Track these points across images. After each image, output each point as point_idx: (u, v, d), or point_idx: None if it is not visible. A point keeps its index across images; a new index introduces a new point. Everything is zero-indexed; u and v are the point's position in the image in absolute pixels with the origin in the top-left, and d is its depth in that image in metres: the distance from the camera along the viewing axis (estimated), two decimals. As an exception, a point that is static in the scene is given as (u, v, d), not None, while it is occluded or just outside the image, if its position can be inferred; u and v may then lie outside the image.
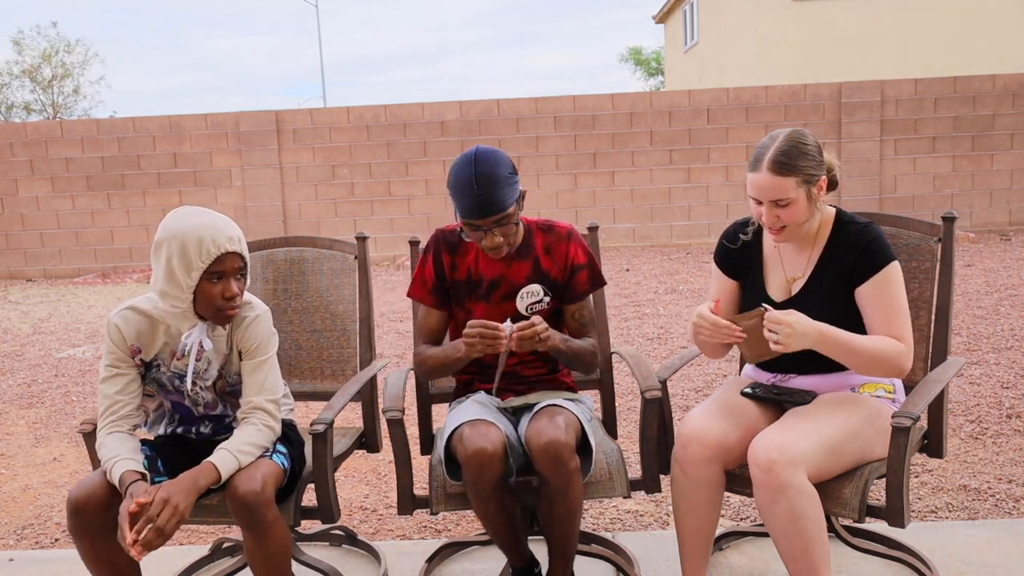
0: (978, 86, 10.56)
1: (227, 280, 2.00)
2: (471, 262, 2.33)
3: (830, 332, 2.02)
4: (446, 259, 2.34)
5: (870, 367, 2.06)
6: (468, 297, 2.33)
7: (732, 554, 2.62)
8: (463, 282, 2.33)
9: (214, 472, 1.93)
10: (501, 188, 2.12)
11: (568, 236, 2.34)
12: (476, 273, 2.32)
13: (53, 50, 31.29)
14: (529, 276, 2.31)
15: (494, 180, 2.11)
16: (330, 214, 10.82)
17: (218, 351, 2.11)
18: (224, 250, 1.97)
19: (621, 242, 10.90)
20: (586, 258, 2.35)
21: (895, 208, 10.71)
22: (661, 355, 5.32)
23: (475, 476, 2.01)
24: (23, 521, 3.23)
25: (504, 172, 2.13)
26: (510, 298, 2.31)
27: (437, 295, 2.35)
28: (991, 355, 4.92)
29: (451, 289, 2.35)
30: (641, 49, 38.13)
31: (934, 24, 17.05)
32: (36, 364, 5.94)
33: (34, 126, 10.74)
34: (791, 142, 2.07)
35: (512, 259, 2.31)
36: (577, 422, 2.11)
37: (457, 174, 2.14)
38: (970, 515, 2.90)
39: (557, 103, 10.64)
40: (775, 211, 2.10)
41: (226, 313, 2.02)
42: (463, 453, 2.01)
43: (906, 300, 2.11)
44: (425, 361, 2.32)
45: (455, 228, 2.36)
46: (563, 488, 2.02)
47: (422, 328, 2.39)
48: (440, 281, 2.35)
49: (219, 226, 1.98)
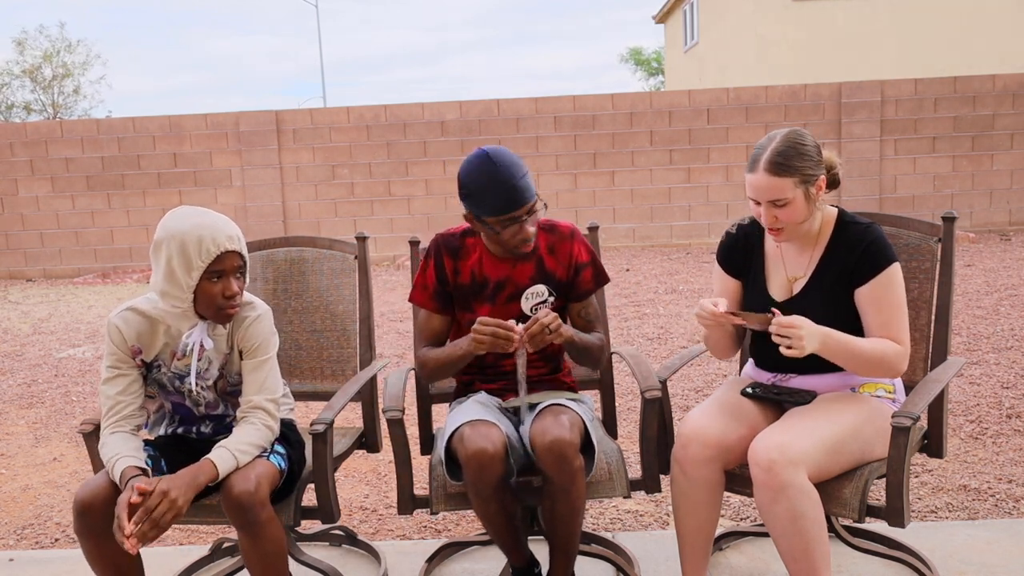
0: (978, 86, 10.56)
1: (227, 279, 2.00)
2: (474, 264, 2.32)
3: (832, 336, 2.03)
4: (448, 264, 2.33)
5: (868, 369, 2.08)
6: (473, 299, 2.32)
7: (732, 554, 2.62)
8: (467, 285, 2.33)
9: (213, 469, 1.93)
10: (525, 176, 2.16)
11: (571, 235, 2.35)
12: (481, 275, 2.32)
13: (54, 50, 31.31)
14: (533, 276, 2.31)
15: (517, 170, 2.14)
16: (330, 214, 10.82)
17: (219, 350, 2.11)
18: (224, 249, 1.97)
19: (621, 242, 10.90)
20: (589, 256, 2.36)
21: (895, 208, 10.71)
22: (661, 355, 5.32)
23: (476, 476, 2.01)
24: (23, 521, 3.23)
25: (520, 161, 2.17)
26: (515, 299, 2.31)
27: (439, 300, 2.34)
28: (991, 355, 4.92)
29: (454, 293, 2.34)
30: (641, 49, 38.14)
31: (934, 24, 17.05)
32: (36, 364, 5.94)
33: (34, 126, 10.74)
34: (788, 142, 2.07)
35: (517, 260, 2.31)
36: (581, 421, 2.12)
37: (479, 175, 2.13)
38: (970, 515, 2.90)
39: (557, 103, 10.64)
40: (773, 211, 2.10)
41: (226, 312, 2.03)
42: (464, 453, 2.01)
43: (905, 301, 2.12)
44: (427, 363, 2.31)
45: (456, 232, 2.36)
46: (567, 487, 2.02)
47: (423, 332, 2.37)
48: (442, 286, 2.34)
49: (218, 225, 1.98)
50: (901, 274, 2.11)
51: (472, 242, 2.34)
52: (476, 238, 2.34)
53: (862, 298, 2.12)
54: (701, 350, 2.53)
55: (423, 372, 2.35)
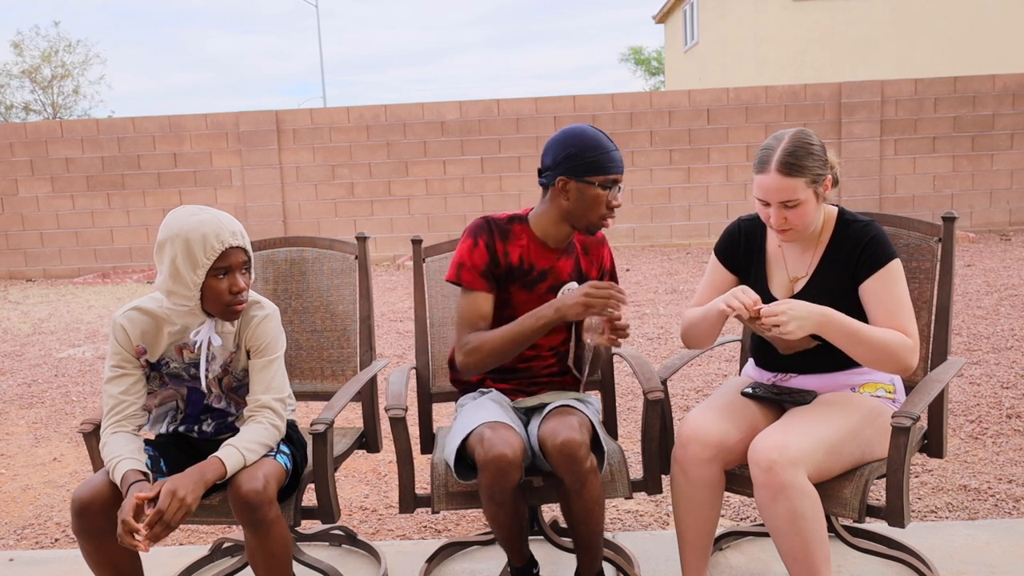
0: (978, 86, 10.57)
1: (233, 275, 2.01)
2: (523, 249, 2.28)
3: (833, 318, 2.01)
4: (499, 245, 2.27)
5: (874, 358, 2.03)
6: (515, 283, 2.28)
7: (732, 554, 2.62)
8: (516, 267, 2.28)
9: (221, 467, 1.93)
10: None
11: (603, 240, 2.41)
12: (528, 261, 2.28)
13: (53, 50, 31.28)
14: (571, 273, 2.32)
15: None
16: (330, 214, 10.82)
17: (225, 348, 2.12)
18: (228, 245, 1.97)
19: (621, 242, 10.90)
20: (611, 264, 2.42)
21: (895, 208, 10.72)
22: (661, 355, 5.32)
23: (492, 481, 1.98)
24: (23, 521, 3.23)
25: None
26: (553, 292, 2.30)
27: (490, 279, 2.26)
28: (991, 355, 4.93)
29: (502, 275, 2.28)
30: (641, 49, 38.14)
31: (934, 24, 17.05)
32: (36, 364, 5.94)
33: (34, 126, 10.74)
34: (797, 142, 2.07)
35: (560, 253, 2.31)
36: (589, 422, 2.12)
37: (587, 137, 2.17)
38: (970, 515, 2.90)
39: (557, 103, 10.64)
40: (783, 212, 2.09)
41: (234, 308, 2.03)
42: (482, 456, 1.97)
43: (908, 297, 2.11)
44: (483, 346, 2.16)
45: (503, 217, 2.31)
46: (578, 488, 2.03)
47: (469, 316, 2.23)
48: (493, 265, 2.26)
49: (221, 222, 1.98)
50: (902, 270, 2.11)
51: (519, 228, 2.29)
52: (523, 225, 2.29)
53: (865, 293, 2.12)
54: (701, 350, 2.53)
55: (473, 359, 2.18)
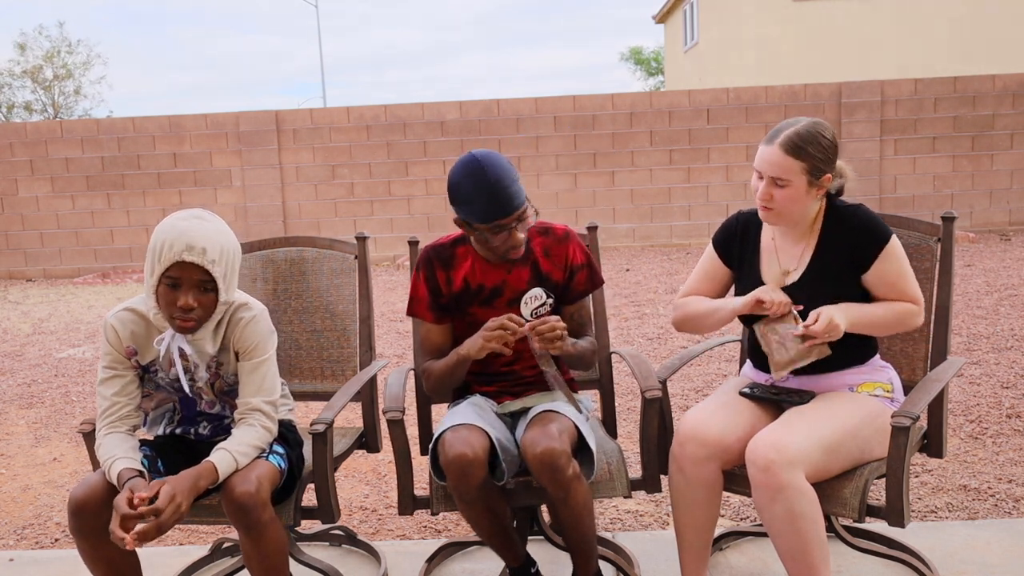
0: (978, 86, 10.56)
1: (184, 290, 1.95)
2: (468, 272, 2.28)
3: (851, 310, 2.12)
4: (440, 275, 2.29)
5: (888, 328, 2.17)
6: (468, 305, 2.29)
7: (732, 554, 2.62)
8: (460, 292, 2.29)
9: (213, 472, 1.93)
10: (515, 182, 2.10)
11: (566, 237, 2.32)
12: (475, 282, 2.28)
13: (55, 50, 31.28)
14: (530, 281, 2.28)
15: (507, 175, 2.09)
16: (330, 214, 10.82)
17: (201, 352, 2.08)
18: (179, 258, 1.91)
19: (621, 242, 10.90)
20: (584, 258, 2.34)
21: (895, 208, 10.71)
22: (661, 355, 5.32)
23: (456, 481, 2.02)
24: (23, 521, 3.24)
25: (510, 167, 2.13)
26: (515, 304, 2.28)
27: (435, 310, 2.30)
28: (991, 355, 4.92)
29: (449, 303, 2.30)
30: (641, 49, 38.13)
31: (934, 24, 17.06)
32: (36, 364, 5.94)
33: (34, 126, 10.74)
34: (810, 129, 2.11)
35: (512, 265, 2.28)
36: (572, 426, 2.10)
37: (467, 180, 2.08)
38: (970, 515, 2.90)
39: (557, 103, 10.64)
40: (771, 189, 2.12)
41: (178, 323, 1.98)
42: (444, 458, 2.02)
43: (910, 267, 2.18)
44: (430, 375, 2.29)
45: (446, 242, 2.32)
46: (563, 496, 2.02)
47: (424, 345, 2.34)
48: (436, 297, 2.29)
49: (190, 234, 1.92)
50: (900, 245, 2.16)
51: (463, 250, 2.30)
52: (468, 246, 2.30)
53: (871, 280, 2.16)
54: (701, 350, 2.53)
55: (427, 386, 2.32)
